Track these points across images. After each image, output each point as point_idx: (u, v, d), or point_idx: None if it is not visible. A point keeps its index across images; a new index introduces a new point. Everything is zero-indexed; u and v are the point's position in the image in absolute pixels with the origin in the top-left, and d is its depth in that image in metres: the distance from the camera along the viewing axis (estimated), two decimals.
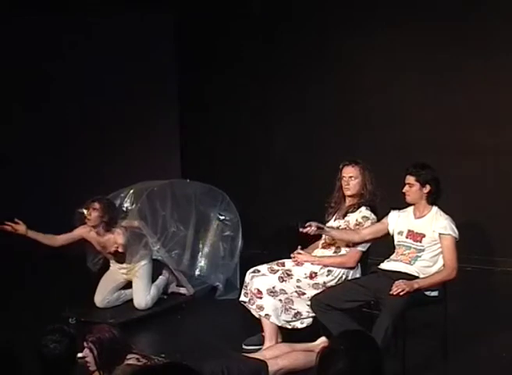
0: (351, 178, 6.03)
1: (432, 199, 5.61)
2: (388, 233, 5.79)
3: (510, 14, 7.83)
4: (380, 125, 8.51)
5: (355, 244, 5.92)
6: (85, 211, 6.73)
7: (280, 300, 5.86)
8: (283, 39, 9.03)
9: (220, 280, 7.44)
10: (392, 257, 5.73)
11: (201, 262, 7.53)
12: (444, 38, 8.11)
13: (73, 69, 8.81)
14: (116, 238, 6.78)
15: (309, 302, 5.77)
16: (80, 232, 6.87)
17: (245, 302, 6.03)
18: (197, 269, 7.53)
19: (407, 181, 5.62)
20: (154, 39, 9.36)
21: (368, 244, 5.97)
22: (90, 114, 9.01)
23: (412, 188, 5.61)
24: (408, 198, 5.66)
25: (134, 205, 7.05)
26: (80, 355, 4.37)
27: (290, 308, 5.87)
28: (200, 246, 7.56)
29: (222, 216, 7.60)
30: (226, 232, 7.59)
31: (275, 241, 8.80)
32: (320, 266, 5.93)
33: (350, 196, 6.07)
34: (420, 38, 8.24)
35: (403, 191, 5.64)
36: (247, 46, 9.28)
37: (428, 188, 5.58)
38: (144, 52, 9.29)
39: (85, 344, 4.46)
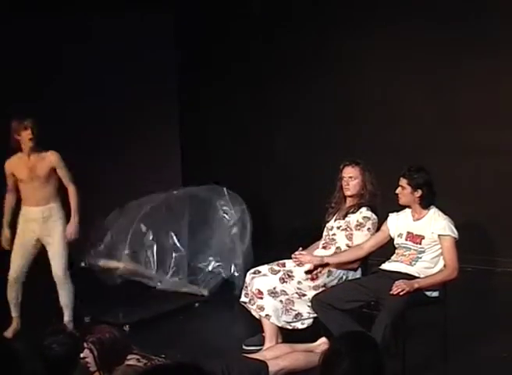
0: (351, 178, 6.04)
1: (425, 203, 5.61)
2: (391, 238, 5.79)
3: (511, 14, 7.83)
4: (380, 125, 8.50)
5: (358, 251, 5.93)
6: (24, 132, 6.41)
7: (281, 301, 5.86)
8: (283, 39, 9.03)
9: (236, 270, 7.48)
10: (392, 258, 5.74)
11: (212, 257, 7.58)
12: (444, 38, 8.10)
13: (73, 69, 8.80)
14: (50, 157, 6.50)
15: (310, 303, 5.77)
16: (10, 167, 6.53)
17: (245, 303, 6.04)
18: (210, 265, 7.57)
19: (399, 183, 5.63)
20: (154, 39, 9.36)
21: None
22: (89, 114, 8.99)
23: (404, 191, 5.62)
24: (400, 201, 5.68)
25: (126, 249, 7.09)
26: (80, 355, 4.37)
27: (291, 309, 5.87)
28: (212, 241, 7.59)
29: (224, 206, 7.60)
30: (232, 221, 7.60)
31: (276, 241, 8.80)
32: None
33: (349, 196, 6.08)
34: (420, 38, 8.23)
35: (396, 192, 5.66)
36: (247, 46, 9.27)
37: (419, 193, 5.58)
38: (144, 52, 9.29)
39: (85, 344, 4.46)
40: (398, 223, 5.75)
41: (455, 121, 8.17)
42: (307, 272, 5.86)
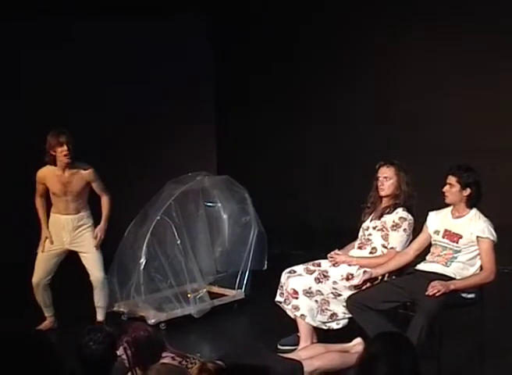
0: (386, 179, 6.01)
1: (471, 203, 5.55)
2: None
3: None
4: (418, 127, 8.43)
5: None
6: (60, 148, 6.32)
7: (316, 301, 5.86)
8: (322, 40, 8.98)
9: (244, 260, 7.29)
10: (428, 258, 5.70)
11: (217, 256, 7.47)
12: (484, 41, 8.00)
13: (116, 69, 8.92)
14: (85, 173, 6.45)
15: (345, 303, 5.76)
16: (42, 178, 6.49)
17: (280, 302, 6.04)
18: (218, 265, 7.49)
19: (448, 181, 5.56)
20: (191, 39, 9.43)
21: (405, 245, 5.93)
22: (131, 112, 9.10)
23: (452, 189, 5.55)
24: (447, 199, 5.61)
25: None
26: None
27: (326, 309, 5.87)
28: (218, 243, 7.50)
29: (209, 202, 7.44)
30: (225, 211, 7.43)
31: (310, 241, 8.78)
32: (356, 268, 5.92)
33: (384, 197, 6.06)
34: (459, 41, 8.15)
35: (443, 190, 5.59)
36: (285, 46, 9.24)
37: (468, 191, 5.52)
38: (182, 51, 9.38)
39: (121, 342, 4.47)
40: (437, 220, 5.70)
41: (495, 122, 8.09)
42: (356, 287, 5.84)
